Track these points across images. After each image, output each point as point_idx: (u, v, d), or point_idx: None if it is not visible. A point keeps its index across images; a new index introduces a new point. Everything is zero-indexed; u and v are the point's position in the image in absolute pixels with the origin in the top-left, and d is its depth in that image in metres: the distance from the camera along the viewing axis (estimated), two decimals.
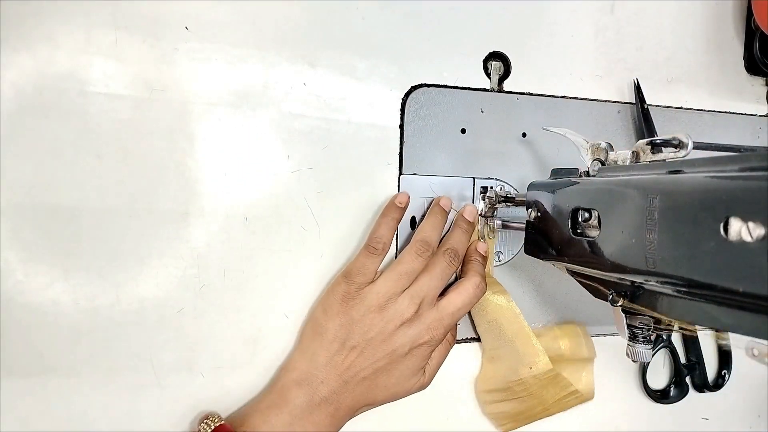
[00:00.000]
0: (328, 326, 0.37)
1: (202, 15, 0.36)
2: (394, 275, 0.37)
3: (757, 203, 0.19)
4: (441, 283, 0.38)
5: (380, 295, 0.37)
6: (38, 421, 0.35)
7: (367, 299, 0.37)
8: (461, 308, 0.38)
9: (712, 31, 0.50)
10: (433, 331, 0.37)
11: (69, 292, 0.35)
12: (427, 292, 0.37)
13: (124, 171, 0.35)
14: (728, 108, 0.50)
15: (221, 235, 0.37)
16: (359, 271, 0.37)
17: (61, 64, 0.34)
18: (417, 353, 0.37)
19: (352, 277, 0.37)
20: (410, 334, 0.37)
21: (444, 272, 0.38)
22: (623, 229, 0.26)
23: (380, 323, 0.36)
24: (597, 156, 0.33)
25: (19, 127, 0.33)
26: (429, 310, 0.37)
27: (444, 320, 0.37)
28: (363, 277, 0.37)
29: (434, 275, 0.38)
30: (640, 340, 0.31)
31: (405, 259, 0.38)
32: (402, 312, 0.37)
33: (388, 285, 0.37)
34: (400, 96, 0.41)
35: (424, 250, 0.38)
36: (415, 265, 0.38)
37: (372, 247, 0.38)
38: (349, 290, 0.37)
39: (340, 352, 0.36)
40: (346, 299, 0.37)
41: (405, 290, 0.37)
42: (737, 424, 0.52)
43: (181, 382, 0.37)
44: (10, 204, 0.33)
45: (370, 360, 0.36)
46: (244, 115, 0.37)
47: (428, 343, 0.37)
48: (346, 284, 0.37)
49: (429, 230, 0.39)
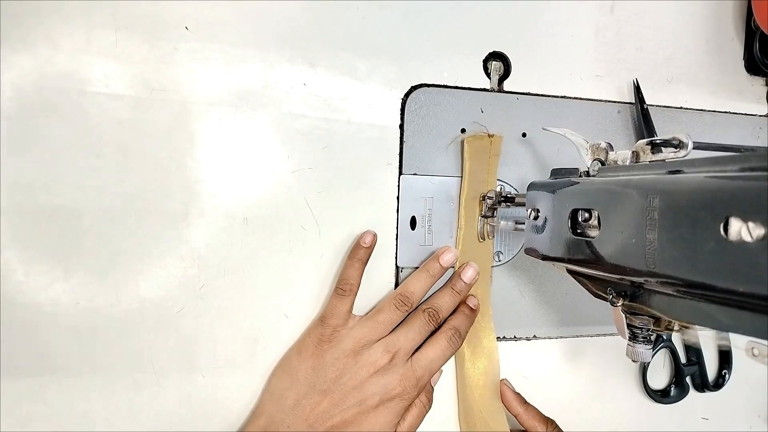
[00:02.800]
0: (300, 368, 0.37)
1: (202, 15, 0.36)
2: (371, 322, 0.38)
3: (757, 203, 0.19)
4: (418, 337, 0.38)
5: (355, 340, 0.37)
6: (38, 421, 0.35)
7: (342, 343, 0.37)
8: (434, 361, 0.38)
9: (712, 31, 0.50)
10: (405, 382, 0.36)
11: (69, 292, 0.35)
12: (403, 345, 0.37)
13: (124, 171, 0.35)
14: (728, 108, 0.50)
15: (221, 236, 0.37)
16: (332, 314, 0.38)
17: (61, 64, 0.34)
18: (388, 406, 0.36)
19: (326, 320, 0.38)
20: (382, 384, 0.36)
21: (422, 329, 0.38)
22: (623, 229, 0.26)
23: (353, 368, 0.36)
24: (597, 156, 0.33)
25: (19, 127, 0.33)
26: (403, 363, 0.37)
27: (416, 372, 0.37)
28: (336, 319, 0.37)
29: (411, 329, 0.38)
30: (640, 340, 0.30)
31: (383, 309, 0.38)
32: (375, 359, 0.36)
33: (364, 331, 0.37)
34: (400, 96, 0.41)
35: (402, 304, 0.38)
36: (392, 317, 0.38)
37: (341, 289, 0.38)
38: (324, 333, 0.37)
39: (309, 396, 0.36)
40: (321, 342, 0.37)
41: (381, 339, 0.37)
42: (737, 424, 0.52)
43: (181, 382, 0.37)
44: (10, 204, 0.33)
45: (339, 407, 0.35)
46: (244, 115, 0.37)
47: (400, 397, 0.36)
48: (321, 327, 0.37)
49: (413, 285, 0.39)
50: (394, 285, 0.41)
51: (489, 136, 0.42)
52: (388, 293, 0.41)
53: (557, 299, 0.46)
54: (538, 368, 0.46)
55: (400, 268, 0.41)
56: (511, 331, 0.45)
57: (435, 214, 0.42)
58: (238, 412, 0.38)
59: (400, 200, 0.41)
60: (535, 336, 0.45)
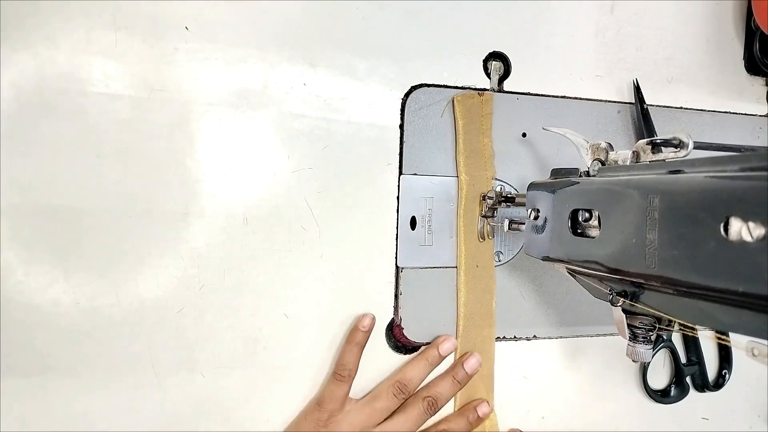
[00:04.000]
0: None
1: (202, 15, 0.36)
2: (369, 409, 0.38)
3: (757, 203, 0.19)
4: (414, 427, 0.39)
5: (352, 426, 0.37)
6: (38, 421, 0.35)
7: (338, 428, 0.37)
8: None
9: (712, 31, 0.50)
10: None
11: (69, 293, 0.35)
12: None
13: (124, 171, 0.35)
14: (728, 108, 0.50)
15: (221, 235, 0.37)
16: (329, 399, 0.38)
17: (62, 64, 0.34)
18: None
19: (323, 405, 0.38)
20: None
21: (419, 418, 0.39)
22: (623, 229, 0.26)
23: None
24: (597, 156, 0.33)
25: (19, 127, 0.33)
26: None
27: None
28: (333, 404, 0.38)
29: (408, 419, 0.38)
30: (640, 340, 0.30)
31: (381, 396, 0.39)
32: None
33: (361, 417, 0.38)
34: (400, 96, 0.41)
35: (399, 392, 0.39)
36: (389, 404, 0.38)
37: (339, 374, 0.38)
38: (321, 418, 0.37)
39: None
40: (318, 426, 0.37)
41: (377, 425, 0.38)
42: (737, 424, 0.52)
43: (181, 382, 0.37)
44: (10, 204, 0.33)
45: None
46: (244, 115, 0.37)
47: None
48: (318, 411, 0.38)
49: (411, 373, 0.40)
50: (394, 285, 0.41)
51: (479, 95, 0.42)
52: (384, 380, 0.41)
53: (557, 299, 0.46)
54: (538, 368, 0.46)
55: (401, 269, 0.41)
56: (511, 331, 0.45)
57: (435, 214, 0.42)
58: (238, 412, 0.38)
59: (400, 200, 0.41)
60: (535, 336, 0.45)
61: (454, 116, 0.42)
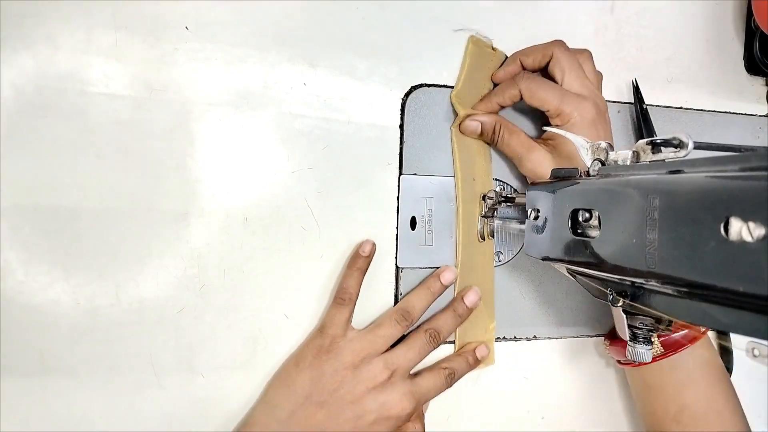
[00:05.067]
0: (297, 379, 0.37)
1: (202, 15, 0.36)
2: (371, 336, 0.38)
3: (757, 203, 0.19)
4: (418, 357, 0.38)
5: (355, 353, 0.37)
6: (38, 421, 0.35)
7: (341, 355, 0.37)
8: (431, 390, 0.38)
9: (712, 31, 0.50)
10: (403, 403, 0.36)
11: (69, 293, 0.35)
12: (402, 363, 0.37)
13: (124, 171, 0.35)
14: (728, 108, 0.50)
15: (221, 235, 0.37)
16: (331, 323, 0.38)
17: (61, 64, 0.34)
18: (384, 425, 0.36)
19: (325, 330, 0.38)
20: (380, 401, 0.36)
21: (422, 348, 0.38)
22: (623, 230, 0.26)
23: (351, 381, 0.36)
24: (597, 156, 0.32)
25: (19, 127, 0.33)
26: (402, 381, 0.37)
27: (415, 394, 0.37)
28: (335, 329, 0.37)
29: (412, 348, 0.38)
30: (640, 340, 0.30)
31: (384, 324, 0.38)
32: (375, 375, 0.36)
33: (363, 344, 0.37)
34: (400, 96, 0.41)
35: (403, 319, 0.38)
36: (393, 332, 0.38)
37: (340, 299, 0.38)
38: (323, 343, 0.37)
39: (305, 407, 0.36)
40: (320, 353, 0.37)
41: (380, 354, 0.37)
42: None
43: (181, 382, 0.37)
44: (10, 204, 0.33)
45: (335, 421, 0.35)
46: (244, 115, 0.37)
47: (397, 417, 0.36)
48: (320, 337, 0.37)
49: (414, 302, 0.39)
50: (394, 285, 0.41)
51: (493, 49, 0.42)
52: (387, 310, 0.41)
53: (557, 299, 0.46)
54: (538, 368, 0.46)
55: (401, 269, 0.41)
56: (511, 331, 0.45)
57: (435, 214, 0.42)
58: (238, 412, 0.38)
59: (400, 200, 0.41)
60: (535, 336, 0.45)
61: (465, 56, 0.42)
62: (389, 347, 0.38)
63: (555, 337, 0.46)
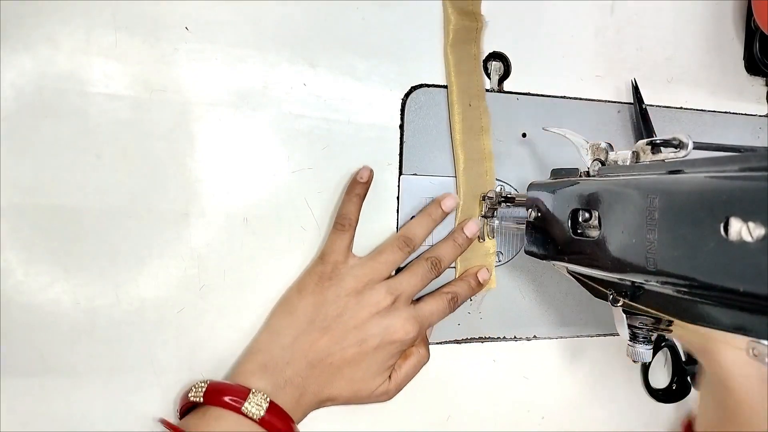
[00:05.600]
0: (300, 305, 0.36)
1: (202, 15, 0.36)
2: (373, 262, 0.37)
3: (757, 203, 0.19)
4: (420, 284, 0.38)
5: (357, 279, 0.36)
6: (38, 421, 0.35)
7: (344, 281, 0.36)
8: (434, 314, 0.38)
9: (712, 31, 0.50)
10: (407, 326, 0.36)
11: (69, 293, 0.35)
12: (405, 289, 0.37)
13: (124, 171, 0.35)
14: (728, 108, 0.50)
15: (221, 236, 0.37)
16: (331, 250, 0.37)
17: (61, 64, 0.34)
18: (388, 349, 0.36)
19: (326, 257, 0.37)
20: (384, 325, 0.36)
21: (425, 275, 0.38)
22: (623, 230, 0.26)
23: (354, 307, 0.36)
24: (597, 156, 0.33)
25: (19, 127, 0.33)
26: (405, 306, 0.37)
27: (418, 318, 0.37)
28: (336, 255, 0.37)
29: (414, 274, 0.38)
30: (640, 340, 0.31)
31: (386, 250, 0.38)
32: (378, 300, 0.36)
33: (365, 270, 0.37)
34: (400, 96, 0.41)
35: (405, 245, 0.38)
36: (395, 257, 0.38)
37: (339, 224, 0.37)
38: (325, 270, 0.37)
39: (308, 332, 0.35)
40: (322, 279, 0.36)
41: (383, 280, 0.37)
42: None
43: (181, 382, 0.37)
44: (10, 204, 0.33)
45: (339, 345, 0.35)
46: (244, 115, 0.37)
47: (401, 342, 0.36)
48: (321, 264, 0.37)
49: (415, 227, 0.39)
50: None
51: None
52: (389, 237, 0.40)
53: (557, 299, 0.46)
54: (538, 368, 0.46)
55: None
56: (511, 331, 0.45)
57: None
58: None
59: (400, 200, 0.41)
60: (535, 336, 0.45)
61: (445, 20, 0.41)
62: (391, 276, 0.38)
63: (555, 337, 0.46)
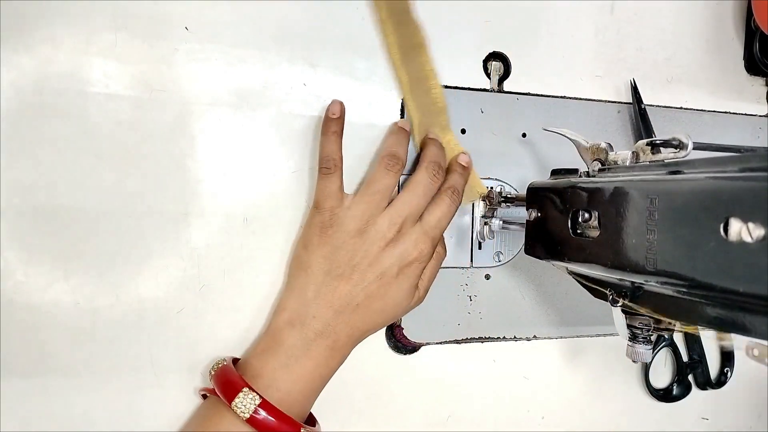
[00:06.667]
0: (311, 260, 0.36)
1: (202, 15, 0.36)
2: (367, 196, 0.36)
3: (757, 203, 0.19)
4: (423, 200, 0.36)
5: (356, 218, 0.35)
6: (38, 421, 0.35)
7: (344, 224, 0.35)
8: (442, 219, 0.37)
9: (712, 31, 0.49)
10: (420, 246, 0.35)
11: (69, 293, 0.35)
12: (408, 212, 0.36)
13: (124, 171, 0.35)
14: (728, 108, 0.50)
15: (221, 236, 0.37)
16: (324, 196, 0.36)
17: (61, 64, 0.34)
18: (408, 272, 0.35)
19: (320, 204, 0.36)
20: (397, 254, 0.35)
21: (427, 188, 0.37)
22: (623, 230, 0.26)
23: (363, 247, 0.35)
24: (597, 156, 0.33)
25: (19, 127, 0.33)
26: (411, 228, 0.36)
27: (429, 233, 0.36)
28: (330, 200, 0.36)
29: (415, 192, 0.36)
30: (640, 341, 0.31)
31: (375, 177, 0.36)
32: (383, 233, 0.35)
33: (362, 207, 0.36)
34: (400, 96, 0.41)
35: (393, 164, 0.36)
36: (387, 181, 0.36)
37: (325, 168, 0.36)
38: (324, 219, 0.36)
39: (327, 284, 0.35)
40: (323, 228, 0.36)
41: (384, 210, 0.36)
42: (738, 423, 0.52)
43: (181, 382, 0.37)
44: (10, 204, 0.33)
45: (360, 286, 0.35)
46: (244, 115, 0.37)
47: (418, 260, 0.36)
48: (318, 214, 0.36)
49: (394, 144, 0.38)
50: None
51: None
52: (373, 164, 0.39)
53: (557, 299, 0.46)
54: (538, 368, 0.46)
55: None
56: (511, 331, 0.45)
57: None
58: None
59: None
60: (535, 336, 0.45)
61: None
62: None
63: (555, 337, 0.46)
